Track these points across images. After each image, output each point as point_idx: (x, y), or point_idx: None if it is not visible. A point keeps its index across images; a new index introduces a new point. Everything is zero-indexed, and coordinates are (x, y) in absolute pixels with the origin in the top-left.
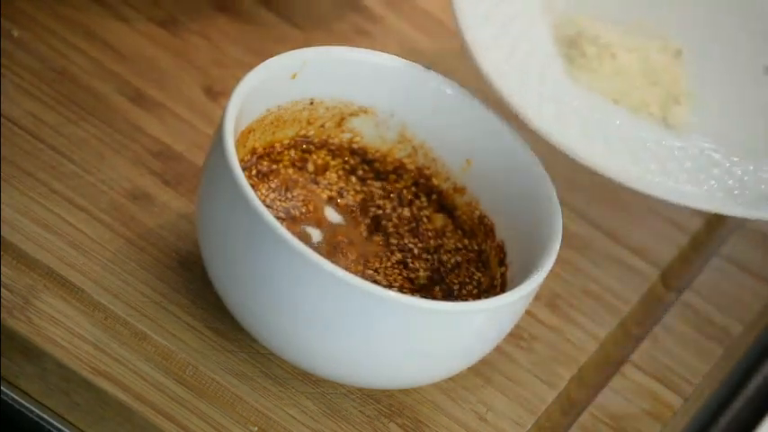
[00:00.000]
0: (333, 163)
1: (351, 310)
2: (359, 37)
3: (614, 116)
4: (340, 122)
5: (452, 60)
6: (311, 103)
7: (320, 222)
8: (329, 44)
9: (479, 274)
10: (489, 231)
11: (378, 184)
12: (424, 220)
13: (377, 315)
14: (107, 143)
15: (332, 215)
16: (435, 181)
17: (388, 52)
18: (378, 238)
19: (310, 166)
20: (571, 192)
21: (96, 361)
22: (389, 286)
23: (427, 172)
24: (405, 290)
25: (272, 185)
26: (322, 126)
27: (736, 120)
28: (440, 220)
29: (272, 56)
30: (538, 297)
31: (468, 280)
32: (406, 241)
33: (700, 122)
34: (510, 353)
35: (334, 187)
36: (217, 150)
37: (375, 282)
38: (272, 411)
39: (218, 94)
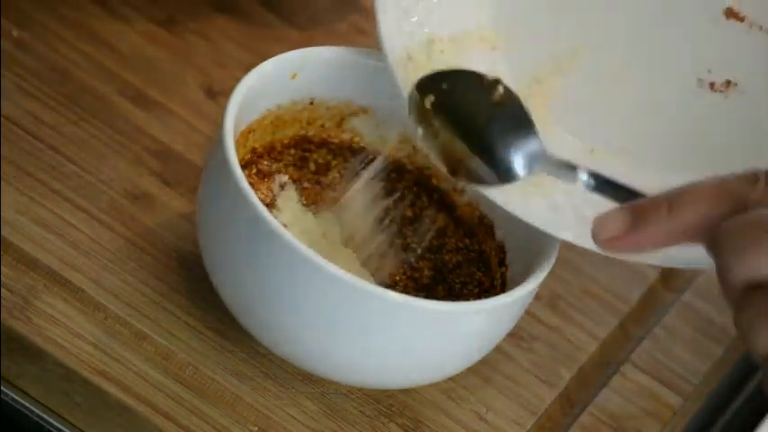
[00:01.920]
0: (334, 162)
1: (351, 310)
2: (359, 37)
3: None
4: (340, 122)
5: None
6: (311, 103)
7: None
8: (329, 44)
9: (480, 274)
10: (489, 231)
11: (380, 184)
12: (426, 219)
13: (377, 315)
14: (107, 143)
15: (334, 215)
16: (435, 181)
17: None
18: (380, 238)
19: (311, 166)
20: None
21: (96, 361)
22: (393, 286)
23: (427, 172)
24: (408, 289)
25: (273, 185)
26: (322, 126)
27: (673, 139)
28: (441, 219)
29: (272, 56)
30: (538, 297)
31: (469, 280)
32: (408, 241)
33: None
34: (510, 353)
35: (337, 187)
36: (217, 150)
37: (378, 282)
38: (272, 411)
39: (218, 94)
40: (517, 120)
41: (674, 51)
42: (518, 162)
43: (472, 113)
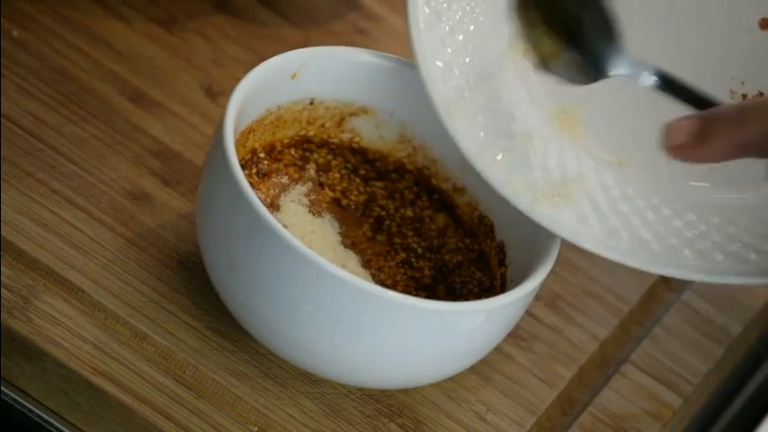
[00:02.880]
0: (334, 162)
1: (351, 310)
2: (359, 37)
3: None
4: (340, 122)
5: None
6: (311, 103)
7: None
8: (329, 44)
9: (480, 274)
10: (489, 231)
11: (380, 184)
12: (427, 219)
13: (377, 315)
14: (107, 143)
15: (334, 215)
16: (435, 181)
17: (388, 52)
18: (381, 238)
19: (312, 166)
20: None
21: (96, 361)
22: (394, 285)
23: (427, 172)
24: (409, 289)
25: (273, 185)
26: (322, 126)
27: None
28: (441, 219)
29: (272, 56)
30: (538, 297)
31: (469, 279)
32: (409, 241)
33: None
34: (510, 353)
35: (338, 187)
36: (217, 150)
37: (379, 281)
38: (272, 411)
39: (218, 94)
40: (603, 18)
41: (708, 61)
42: (605, 59)
43: (567, 8)
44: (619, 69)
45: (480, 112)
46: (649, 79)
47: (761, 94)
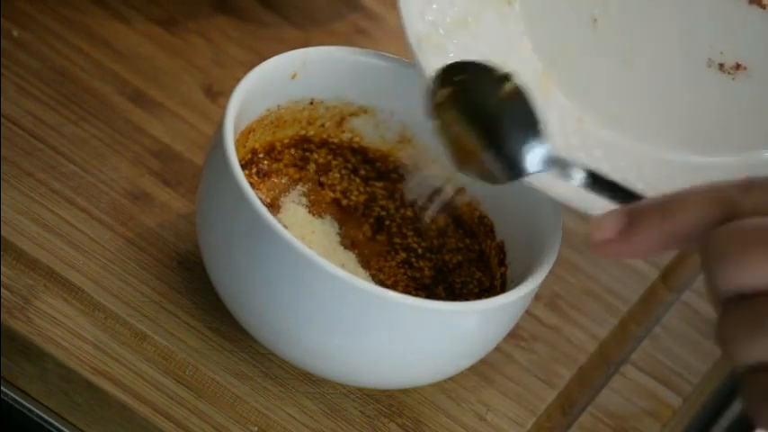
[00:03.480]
0: (334, 162)
1: (351, 310)
2: (359, 37)
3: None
4: (340, 122)
5: None
6: (311, 103)
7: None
8: (329, 44)
9: (480, 274)
10: (489, 231)
11: (380, 184)
12: (427, 219)
13: (377, 315)
14: (107, 143)
15: (334, 215)
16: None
17: (388, 52)
18: (381, 238)
19: (312, 166)
20: None
21: (96, 361)
22: (394, 285)
23: None
24: (409, 289)
25: (273, 185)
26: (322, 126)
27: (685, 121)
28: (442, 219)
29: (272, 56)
30: (538, 297)
31: (469, 279)
32: (409, 241)
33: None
34: (510, 353)
35: (338, 188)
36: (217, 150)
37: (379, 281)
38: (272, 411)
39: (218, 94)
40: (525, 116)
41: (691, 29)
42: (524, 159)
43: (482, 108)
44: (543, 168)
45: (453, 50)
46: (576, 178)
47: (738, 65)
